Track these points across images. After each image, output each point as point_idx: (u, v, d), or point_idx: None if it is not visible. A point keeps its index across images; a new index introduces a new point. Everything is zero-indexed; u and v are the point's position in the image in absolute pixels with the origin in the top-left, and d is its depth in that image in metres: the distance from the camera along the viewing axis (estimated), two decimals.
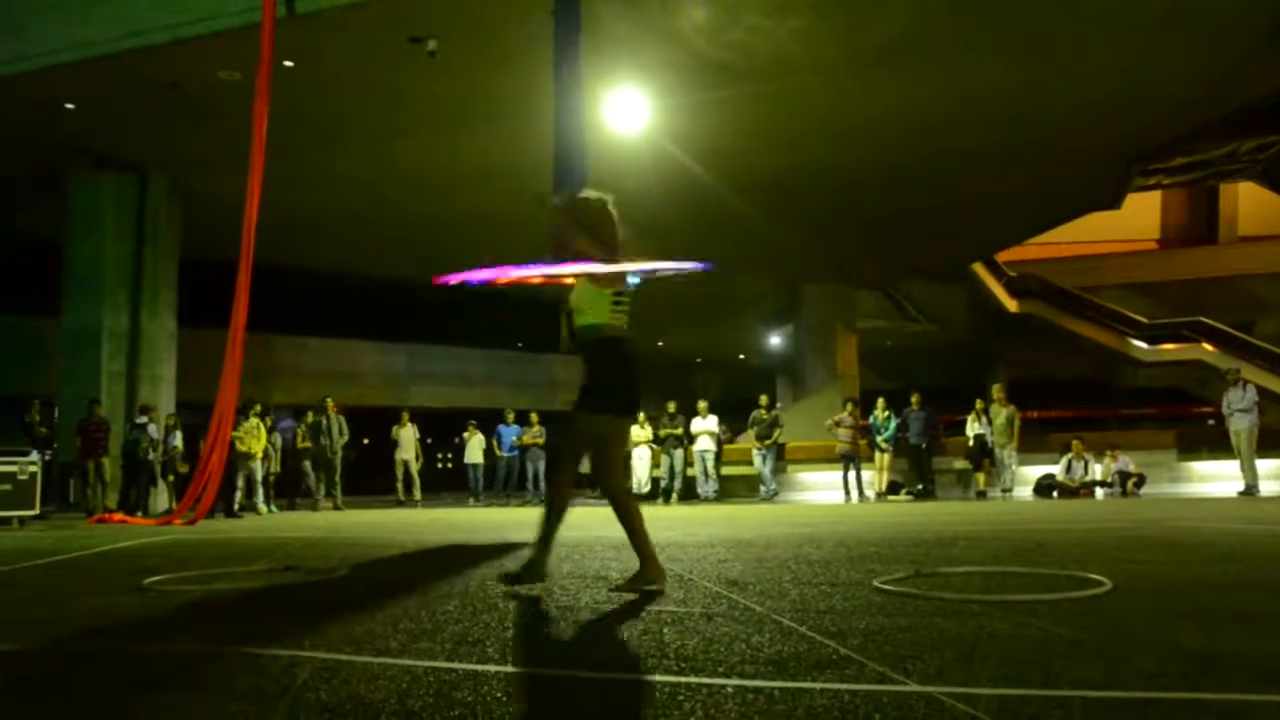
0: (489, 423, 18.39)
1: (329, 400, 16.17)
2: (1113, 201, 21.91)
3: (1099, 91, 15.32)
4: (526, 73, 14.00)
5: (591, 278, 4.17)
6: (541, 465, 17.81)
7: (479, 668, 2.67)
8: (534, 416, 18.16)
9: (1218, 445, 18.34)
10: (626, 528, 4.24)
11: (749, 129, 15.94)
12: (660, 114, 15.07)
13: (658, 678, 2.52)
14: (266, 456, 15.03)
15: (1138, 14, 13.13)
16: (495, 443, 17.88)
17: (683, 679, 2.51)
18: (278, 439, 15.63)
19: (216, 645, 3.08)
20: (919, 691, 2.38)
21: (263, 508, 14.69)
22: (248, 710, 2.27)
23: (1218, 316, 29.93)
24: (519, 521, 10.49)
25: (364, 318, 25.33)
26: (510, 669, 2.65)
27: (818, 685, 2.43)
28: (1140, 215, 32.57)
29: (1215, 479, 17.30)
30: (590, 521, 8.82)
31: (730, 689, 2.40)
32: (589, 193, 4.44)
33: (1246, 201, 32.59)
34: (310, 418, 16.17)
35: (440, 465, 31.44)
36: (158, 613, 3.95)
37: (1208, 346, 29.32)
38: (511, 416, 17.85)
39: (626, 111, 14.94)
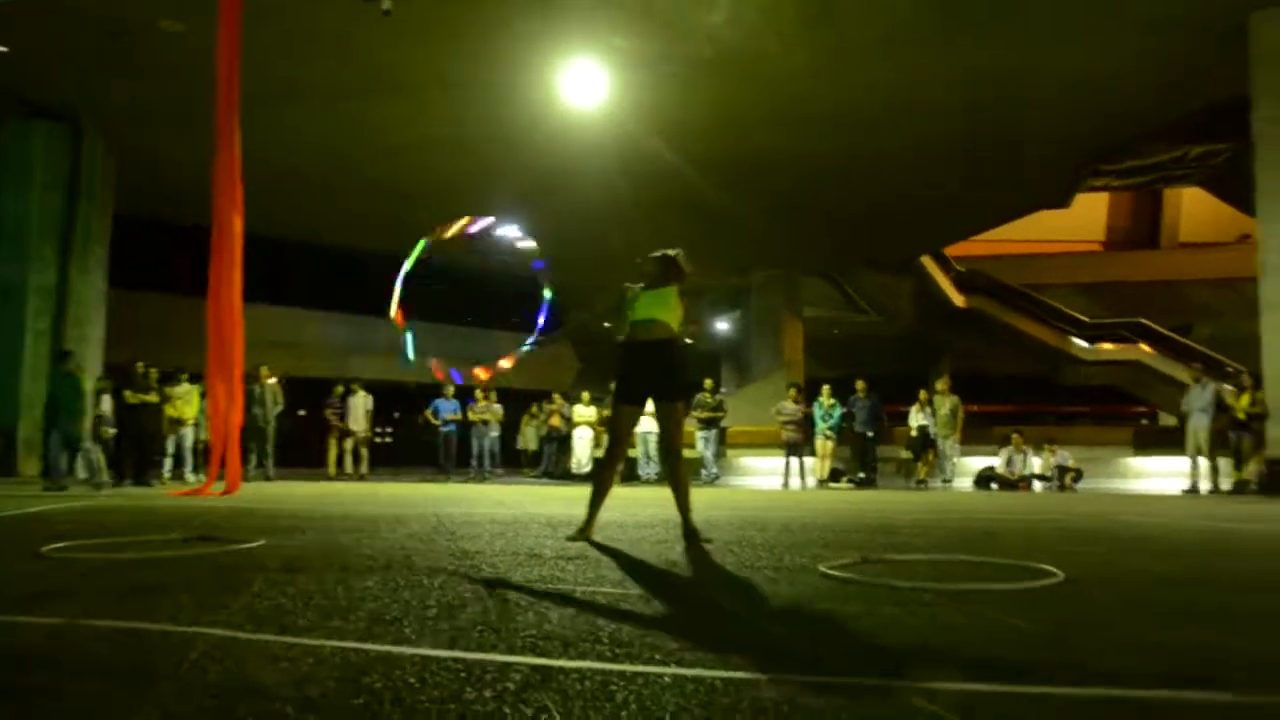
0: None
1: (262, 369, 15.69)
2: (1062, 200, 22.07)
3: (1056, 90, 15.38)
4: (480, 39, 13.67)
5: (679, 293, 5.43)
6: (487, 442, 17.47)
7: (392, 649, 2.42)
8: (489, 394, 17.73)
9: (1156, 443, 18.60)
10: (680, 492, 5.34)
11: (708, 109, 15.75)
12: (618, 88, 14.80)
13: (588, 664, 2.30)
14: (197, 424, 14.55)
15: (1095, 14, 13.14)
16: (430, 414, 17.45)
17: (616, 666, 2.28)
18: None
19: (100, 619, 2.79)
20: (876, 684, 2.19)
21: (190, 477, 14.22)
22: (116, 692, 2.00)
23: (1157, 319, 30.38)
24: (462, 496, 10.22)
25: (307, 285, 24.75)
26: (427, 651, 2.40)
27: (765, 676, 2.22)
28: (1086, 217, 32.92)
29: (1152, 475, 17.53)
30: (526, 499, 8.60)
31: (668, 678, 2.18)
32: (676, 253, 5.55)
33: (1189, 208, 33.09)
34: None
35: (380, 440, 30.92)
36: (47, 582, 3.64)
37: (1146, 348, 29.76)
38: (451, 390, 17.46)
39: (584, 85, 14.65)
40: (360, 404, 16.98)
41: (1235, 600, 3.62)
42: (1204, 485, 13.87)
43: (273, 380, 15.83)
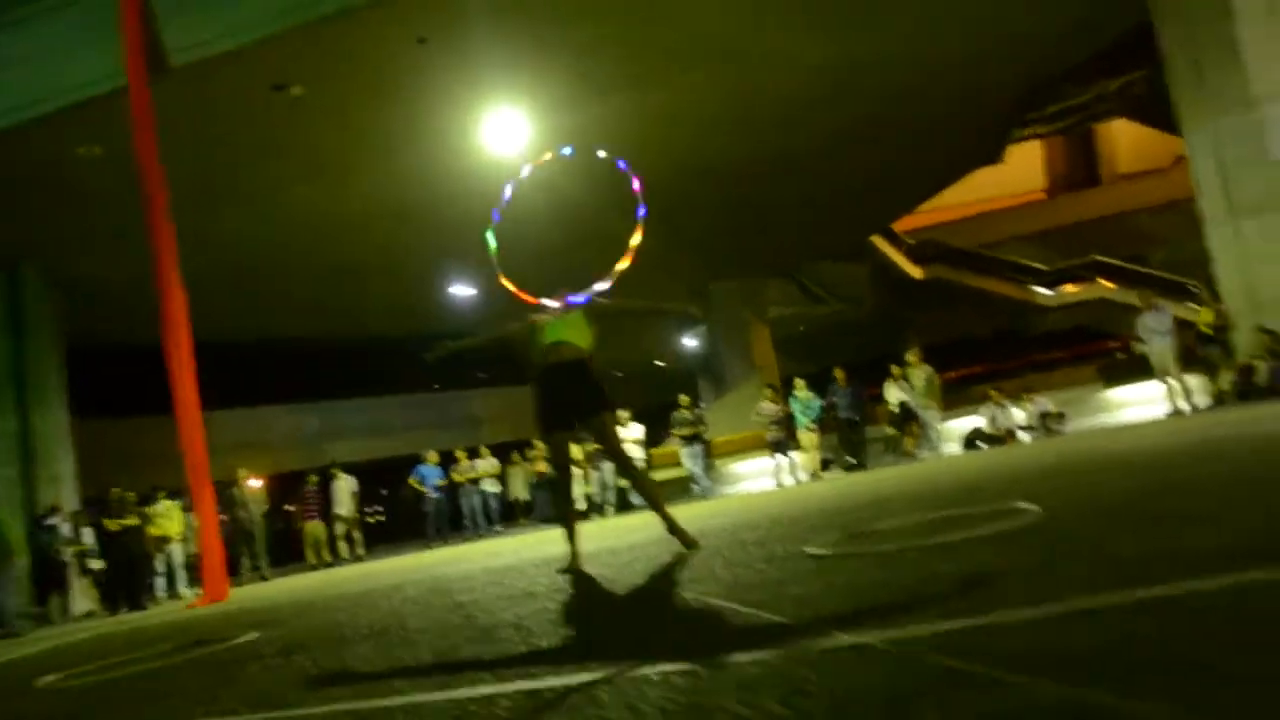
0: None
1: (240, 471, 15.56)
2: (994, 156, 22.39)
3: (970, 45, 15.53)
4: (402, 106, 13.75)
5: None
6: (477, 500, 17.36)
7: (383, 703, 2.43)
8: (476, 451, 17.60)
9: (1131, 373, 18.75)
10: (649, 498, 5.62)
11: (636, 137, 15.85)
12: (542, 132, 14.86)
13: (575, 679, 2.31)
14: (184, 539, 14.41)
15: None
16: (416, 482, 17.30)
17: (602, 674, 2.30)
18: (194, 519, 14.98)
19: None
20: (853, 642, 2.21)
21: (185, 592, 14.07)
22: None
23: (1110, 254, 30.77)
24: (459, 557, 10.18)
25: (269, 382, 24.62)
26: (418, 698, 2.41)
27: (746, 656, 2.25)
28: (1026, 168, 33.41)
29: (1132, 405, 17.65)
30: (521, 547, 8.58)
31: (655, 675, 2.20)
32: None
33: (1123, 140, 33.62)
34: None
35: (372, 519, 30.73)
36: (45, 711, 3.61)
37: (1105, 283, 30.12)
38: (435, 457, 17.36)
39: (505, 132, 14.71)
40: (344, 487, 16.79)
41: (1187, 503, 3.68)
42: (1183, 405, 13.99)
43: (254, 481, 15.70)
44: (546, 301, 5.55)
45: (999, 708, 1.58)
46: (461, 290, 22.16)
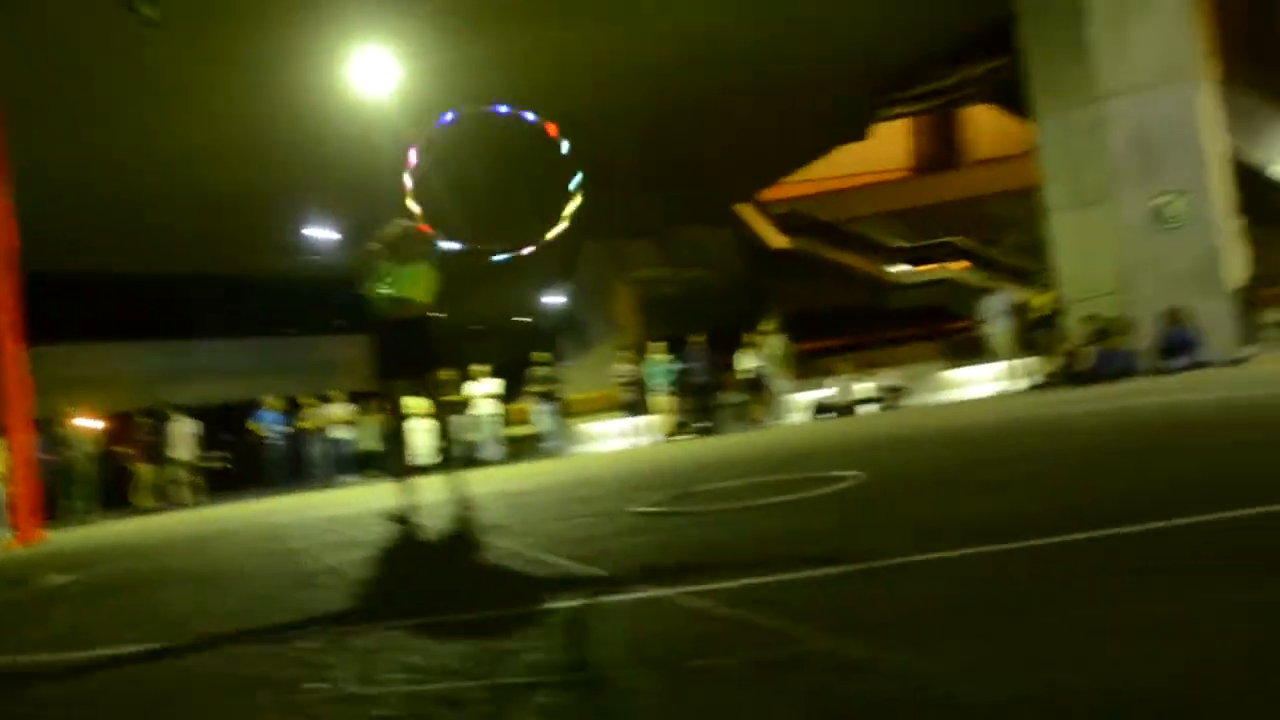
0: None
1: (67, 409, 14.78)
2: (859, 132, 22.92)
3: (838, 22, 15.80)
4: (264, 37, 13.19)
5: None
6: (326, 449, 16.98)
7: (184, 643, 2.39)
8: (328, 398, 17.11)
9: (972, 353, 19.60)
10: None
11: (502, 86, 15.62)
12: (412, 75, 14.49)
13: (383, 625, 2.32)
14: (4, 479, 13.64)
15: None
16: (257, 426, 16.77)
17: (411, 621, 2.32)
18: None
19: None
20: (656, 595, 2.29)
21: (3, 534, 13.35)
22: None
23: (966, 235, 31.93)
24: (302, 505, 9.97)
25: (112, 317, 23.42)
26: (228, 647, 2.38)
27: (553, 605, 2.30)
28: (892, 145, 34.22)
29: (971, 384, 18.46)
30: (369, 497, 8.48)
31: (459, 623, 2.24)
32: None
33: (983, 126, 34.76)
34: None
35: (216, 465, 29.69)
36: None
37: (958, 265, 31.29)
38: (278, 402, 16.84)
39: (374, 72, 14.29)
40: (181, 430, 16.11)
41: (1000, 471, 3.92)
42: (1016, 384, 14.73)
43: (87, 421, 14.97)
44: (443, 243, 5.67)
45: (773, 656, 1.66)
46: (320, 232, 21.53)
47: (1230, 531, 2.18)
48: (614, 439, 17.50)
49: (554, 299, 32.03)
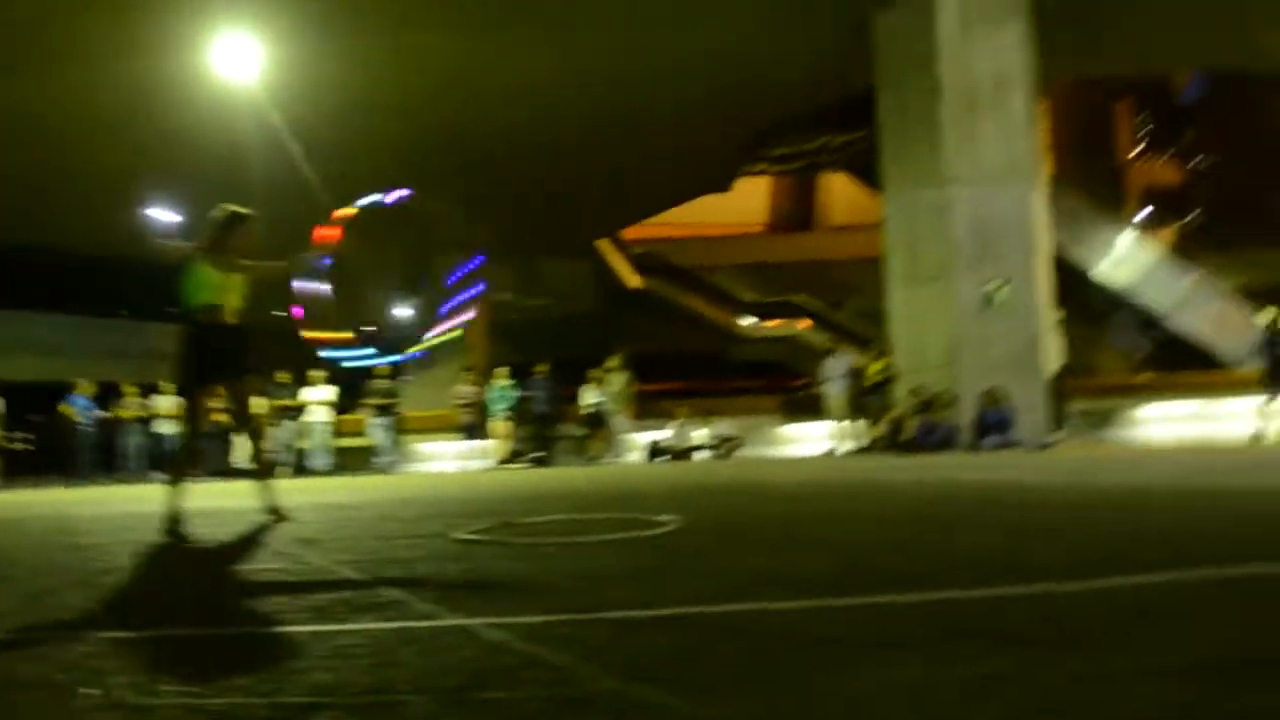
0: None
1: None
2: (723, 184, 23.51)
3: (709, 76, 16.22)
4: (118, 7, 12.65)
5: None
6: (141, 441, 16.15)
7: None
8: (155, 388, 16.25)
9: (808, 411, 20.24)
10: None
11: (365, 86, 15.38)
12: (275, 64, 14.10)
13: (159, 632, 2.24)
14: None
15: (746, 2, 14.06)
16: (69, 409, 15.82)
17: (193, 629, 2.25)
18: None
19: None
20: (460, 624, 2.28)
21: None
22: None
23: (813, 296, 33.04)
24: (105, 498, 9.45)
25: None
26: None
27: (353, 626, 2.27)
28: (752, 201, 35.24)
29: (804, 441, 19.06)
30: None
31: (248, 635, 2.18)
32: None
33: (839, 193, 36.13)
34: None
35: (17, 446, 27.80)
36: None
37: (803, 324, 32.32)
38: (89, 387, 15.94)
39: (237, 57, 13.83)
40: None
41: (811, 530, 4.07)
42: (843, 446, 15.29)
43: None
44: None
45: (563, 694, 1.69)
46: (162, 214, 20.59)
47: (976, 606, 2.34)
48: (448, 460, 17.27)
49: (403, 311, 31.43)
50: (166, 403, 16.24)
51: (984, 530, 4.05)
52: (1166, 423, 16.99)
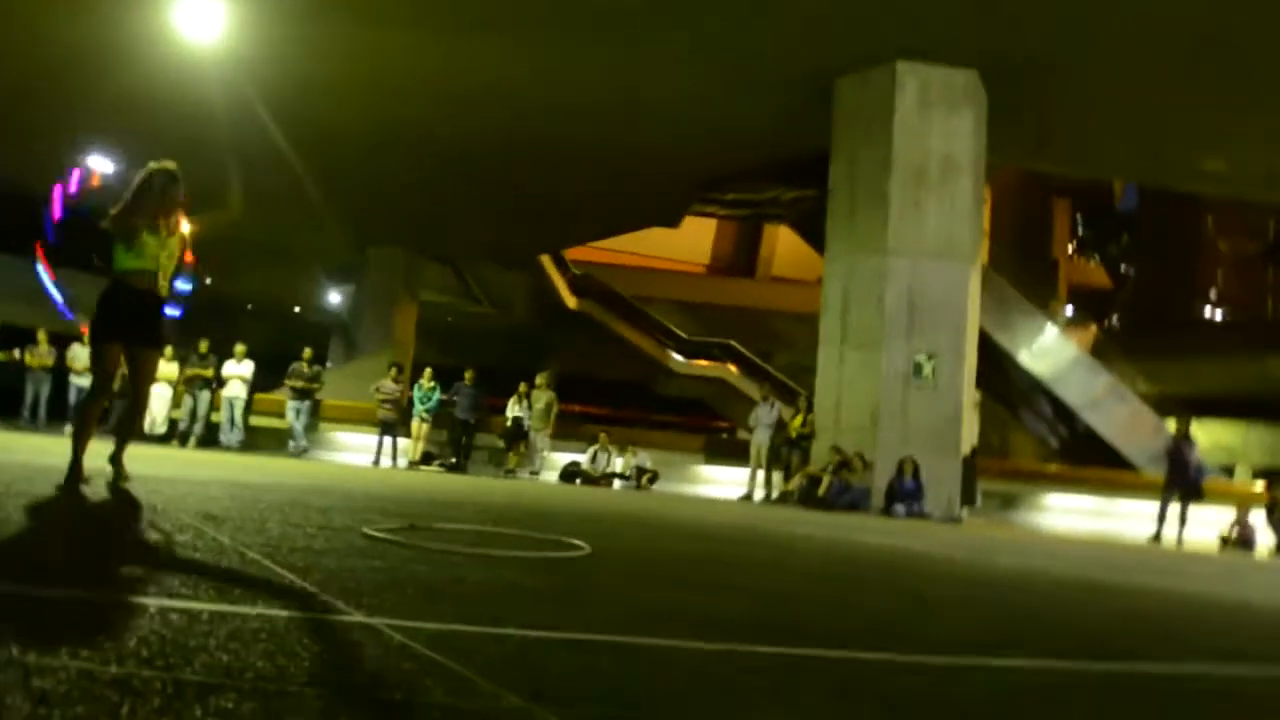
0: None
1: None
2: (672, 220, 23.69)
3: (670, 117, 16.42)
4: None
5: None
6: (47, 390, 15.71)
7: None
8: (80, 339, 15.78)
9: (725, 454, 20.41)
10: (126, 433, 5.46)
11: (330, 72, 15.23)
12: (239, 27, 13.83)
13: (58, 593, 2.21)
14: None
15: (715, 51, 14.25)
16: None
17: (93, 593, 2.21)
18: None
19: None
20: (363, 622, 2.28)
21: None
22: None
23: (745, 342, 33.36)
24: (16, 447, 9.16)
25: None
26: None
27: (254, 610, 2.25)
28: (696, 240, 35.57)
29: (720, 483, 19.21)
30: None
31: (153, 608, 2.15)
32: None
33: (783, 245, 36.64)
34: None
35: None
36: None
37: (732, 368, 32.60)
38: None
39: (199, 17, 13.53)
40: None
41: (722, 574, 4.13)
42: (759, 494, 15.45)
43: None
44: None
45: (459, 705, 1.70)
46: (101, 162, 20.07)
47: (869, 669, 2.41)
48: (361, 454, 17.04)
49: (336, 298, 31.03)
50: (84, 355, 15.82)
51: (884, 596, 4.15)
52: (1070, 514, 17.52)
